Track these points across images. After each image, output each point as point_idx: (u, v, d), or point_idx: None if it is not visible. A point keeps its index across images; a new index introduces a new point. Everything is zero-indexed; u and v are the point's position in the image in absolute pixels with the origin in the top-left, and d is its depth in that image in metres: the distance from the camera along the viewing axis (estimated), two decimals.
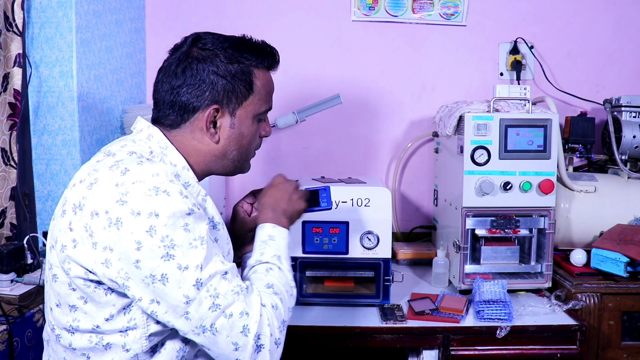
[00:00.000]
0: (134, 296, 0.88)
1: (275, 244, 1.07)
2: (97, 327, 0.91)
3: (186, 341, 0.96)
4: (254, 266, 1.04)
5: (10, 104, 1.51)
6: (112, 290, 0.90)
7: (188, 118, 1.01)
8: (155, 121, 1.04)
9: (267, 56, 1.06)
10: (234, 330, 0.89)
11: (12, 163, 1.53)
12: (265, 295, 0.95)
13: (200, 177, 1.06)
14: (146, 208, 0.86)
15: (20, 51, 1.51)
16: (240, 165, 1.10)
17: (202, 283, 0.87)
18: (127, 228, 0.86)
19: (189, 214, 0.89)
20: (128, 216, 0.86)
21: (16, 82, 1.51)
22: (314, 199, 1.24)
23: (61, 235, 0.91)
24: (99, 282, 0.90)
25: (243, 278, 1.03)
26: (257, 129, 1.10)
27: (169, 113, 1.02)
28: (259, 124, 1.10)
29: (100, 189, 0.89)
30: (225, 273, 0.91)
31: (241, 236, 1.22)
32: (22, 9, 1.50)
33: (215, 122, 1.02)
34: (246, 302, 0.91)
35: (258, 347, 0.90)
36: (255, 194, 1.26)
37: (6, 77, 1.51)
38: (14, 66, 1.50)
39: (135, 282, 0.87)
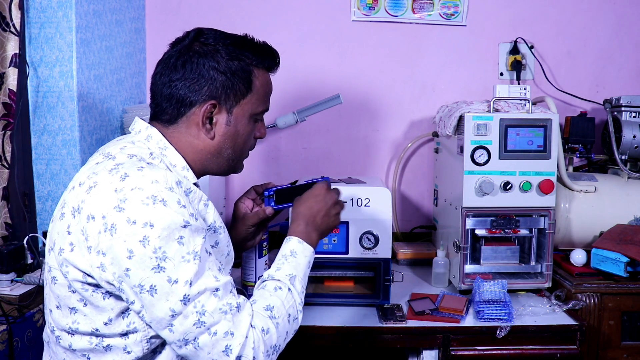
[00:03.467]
0: (128, 299, 0.88)
1: (295, 261, 1.04)
2: (97, 330, 0.91)
3: None
4: (265, 280, 1.02)
5: (4, 104, 1.51)
6: (110, 295, 0.90)
7: (185, 112, 1.01)
8: (153, 117, 1.04)
9: (267, 56, 1.06)
10: (215, 349, 0.88)
11: (5, 163, 1.52)
12: (258, 317, 0.93)
13: (197, 175, 1.05)
14: (142, 217, 0.85)
15: (17, 51, 1.51)
16: (234, 165, 1.09)
17: (189, 299, 0.86)
18: (120, 235, 0.85)
19: (185, 226, 0.88)
20: (123, 224, 0.85)
21: (11, 82, 1.51)
22: None
23: (59, 238, 0.91)
24: (97, 286, 0.89)
25: (254, 289, 1.03)
26: (253, 129, 1.09)
27: (166, 107, 1.01)
28: (254, 124, 1.09)
29: (99, 193, 0.88)
30: (217, 290, 0.89)
31: (243, 232, 1.22)
32: (20, 8, 1.50)
33: (212, 118, 1.02)
34: (233, 322, 0.89)
35: None
36: (255, 189, 1.25)
37: (1, 77, 1.50)
38: (9, 66, 1.50)
39: (127, 286, 0.87)
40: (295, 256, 1.05)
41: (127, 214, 0.85)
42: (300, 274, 1.04)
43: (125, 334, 0.92)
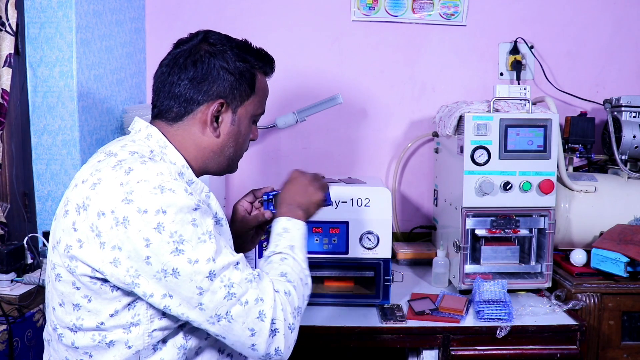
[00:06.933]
0: (145, 293, 0.88)
1: (289, 235, 1.09)
2: (102, 324, 0.92)
3: (187, 337, 0.97)
4: (269, 257, 1.06)
5: None
6: (119, 287, 0.91)
7: (191, 110, 1.02)
8: (156, 116, 1.05)
9: (268, 62, 1.10)
10: (250, 317, 0.91)
11: None
12: (278, 282, 0.98)
13: (197, 174, 1.06)
14: (153, 206, 0.87)
15: (12, 51, 1.51)
16: (231, 164, 1.11)
17: (215, 274, 0.89)
18: (134, 226, 0.86)
19: (196, 209, 0.90)
20: (135, 214, 0.86)
21: (5, 82, 1.51)
22: None
23: (64, 235, 0.92)
24: (105, 280, 0.90)
25: (260, 267, 1.05)
26: (251, 131, 1.12)
27: (172, 105, 1.02)
28: (252, 126, 1.11)
29: (105, 188, 0.89)
30: (237, 263, 0.93)
31: (242, 234, 1.23)
32: (16, 8, 1.49)
33: (218, 117, 1.04)
34: (260, 289, 0.93)
35: (273, 332, 0.92)
36: (254, 193, 1.26)
37: None
38: (4, 66, 1.50)
39: (146, 279, 0.87)
40: (288, 231, 1.10)
41: (136, 204, 0.87)
42: (299, 244, 1.08)
43: (127, 327, 0.92)
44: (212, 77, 1.01)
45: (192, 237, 0.88)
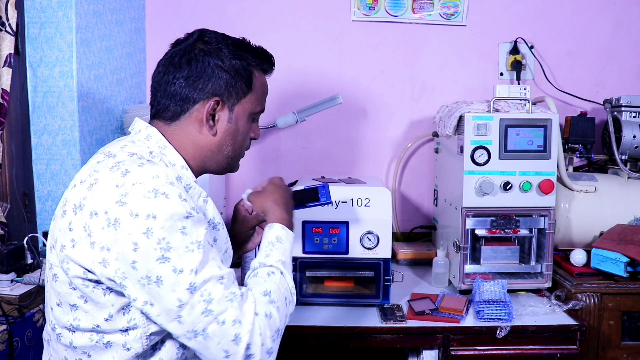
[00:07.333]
0: (130, 296, 0.88)
1: (282, 247, 1.07)
2: (97, 326, 0.92)
3: None
4: (256, 268, 1.04)
5: None
6: (111, 290, 0.90)
7: (188, 109, 1.02)
8: (154, 116, 1.05)
9: (266, 59, 1.09)
10: (225, 338, 0.88)
11: None
12: (260, 303, 0.94)
13: (196, 174, 1.06)
14: (144, 210, 0.86)
15: (12, 51, 1.51)
16: (231, 163, 1.11)
17: (195, 287, 0.87)
18: (124, 229, 0.86)
19: (187, 217, 0.89)
20: (126, 217, 0.86)
21: (5, 82, 1.51)
22: (314, 195, 1.26)
23: (61, 235, 0.92)
24: (98, 282, 0.90)
25: (244, 279, 1.04)
26: (250, 129, 1.11)
27: (168, 104, 1.03)
28: (251, 124, 1.11)
29: (101, 189, 0.89)
30: (222, 278, 0.90)
31: (242, 234, 1.23)
32: (16, 8, 1.49)
33: (214, 115, 1.04)
34: (240, 310, 0.89)
35: (247, 357, 0.89)
36: None
37: None
38: (3, 66, 1.50)
39: (131, 283, 0.87)
40: (281, 242, 1.08)
41: (129, 207, 0.86)
42: (289, 260, 1.07)
43: (125, 330, 0.92)
44: (207, 75, 1.01)
45: (180, 246, 0.87)
